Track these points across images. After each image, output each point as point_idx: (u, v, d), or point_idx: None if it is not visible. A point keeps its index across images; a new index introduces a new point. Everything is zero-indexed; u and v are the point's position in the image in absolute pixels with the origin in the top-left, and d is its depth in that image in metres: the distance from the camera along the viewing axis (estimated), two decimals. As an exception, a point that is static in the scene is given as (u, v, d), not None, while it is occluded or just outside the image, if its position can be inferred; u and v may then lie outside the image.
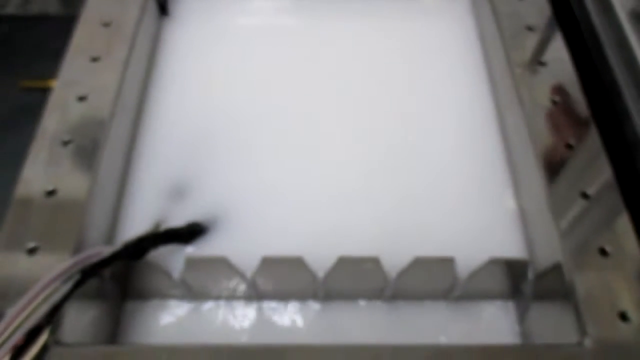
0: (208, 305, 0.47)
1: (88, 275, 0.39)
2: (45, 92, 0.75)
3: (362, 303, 0.47)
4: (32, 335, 0.36)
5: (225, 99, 0.58)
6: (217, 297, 0.47)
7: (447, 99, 0.58)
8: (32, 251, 0.41)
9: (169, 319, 0.46)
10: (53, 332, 0.37)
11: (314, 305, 0.46)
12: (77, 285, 0.38)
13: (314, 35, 0.64)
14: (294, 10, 0.66)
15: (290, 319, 0.46)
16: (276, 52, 0.62)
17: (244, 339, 0.44)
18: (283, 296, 0.47)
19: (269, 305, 0.47)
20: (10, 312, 0.35)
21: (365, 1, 0.67)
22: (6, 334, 0.35)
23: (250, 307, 0.47)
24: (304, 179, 0.52)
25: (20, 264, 0.40)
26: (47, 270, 0.39)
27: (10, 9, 0.88)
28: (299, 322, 0.46)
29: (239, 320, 0.46)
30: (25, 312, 0.35)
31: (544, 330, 0.43)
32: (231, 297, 0.47)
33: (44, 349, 0.36)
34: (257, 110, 0.57)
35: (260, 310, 0.46)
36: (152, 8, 0.61)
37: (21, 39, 0.87)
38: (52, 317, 0.37)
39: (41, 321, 0.36)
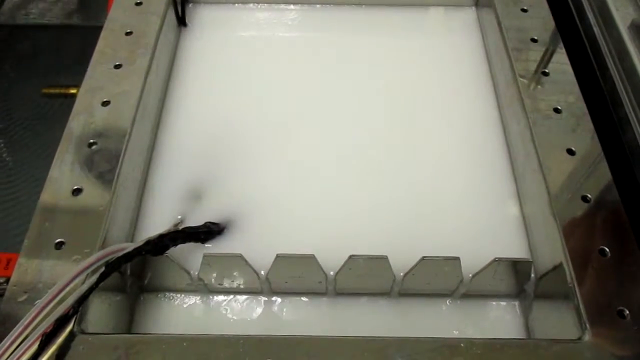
0: (222, 299, 0.49)
1: (112, 268, 0.41)
2: (65, 98, 0.78)
3: (370, 300, 0.49)
4: (60, 324, 0.38)
5: (240, 105, 0.60)
6: (232, 292, 0.49)
7: (454, 107, 0.60)
8: (59, 246, 0.43)
9: (184, 312, 0.48)
10: (79, 322, 0.40)
11: (325, 301, 0.48)
12: (102, 277, 0.40)
13: (322, 46, 0.67)
14: (303, 23, 0.69)
15: (301, 314, 0.48)
16: (288, 62, 0.65)
17: (256, 332, 0.46)
18: (295, 292, 0.48)
19: (281, 301, 0.49)
20: (41, 301, 0.37)
21: (371, 13, 0.70)
22: (36, 321, 0.37)
23: (263, 301, 0.48)
24: (317, 181, 0.54)
25: (48, 258, 0.42)
26: (73, 263, 0.42)
27: (35, 19, 0.91)
28: (310, 317, 0.48)
29: (252, 313, 0.48)
30: (54, 302, 0.38)
31: (546, 327, 0.45)
32: (245, 292, 0.49)
33: (71, 336, 0.39)
34: (271, 116, 0.59)
35: (272, 305, 0.48)
36: (171, 19, 0.64)
37: (45, 47, 0.90)
38: (79, 306, 0.39)
39: (69, 310, 0.38)
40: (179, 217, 0.51)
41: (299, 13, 0.70)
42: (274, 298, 0.49)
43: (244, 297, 0.49)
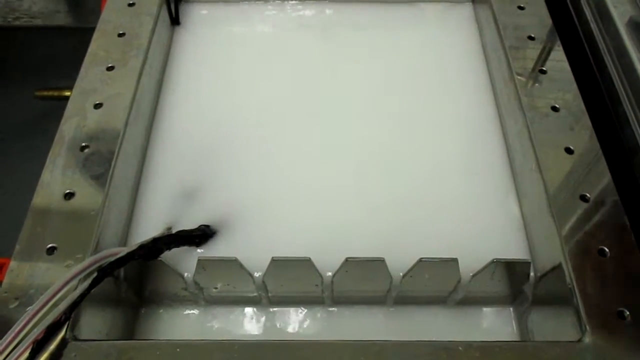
0: (217, 308, 0.48)
1: (105, 273, 0.40)
2: (59, 101, 0.77)
3: (368, 304, 0.48)
4: (51, 330, 0.37)
5: (235, 105, 0.59)
6: (227, 298, 0.48)
7: (451, 106, 0.60)
8: (51, 251, 0.42)
9: (180, 322, 0.48)
10: (71, 328, 0.39)
11: (321, 306, 0.48)
12: (95, 283, 0.40)
13: (317, 44, 0.66)
14: (298, 20, 0.68)
15: (297, 318, 0.47)
16: (283, 59, 0.64)
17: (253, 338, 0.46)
18: (291, 296, 0.48)
19: (277, 306, 0.48)
20: (32, 309, 0.37)
21: (368, 10, 0.69)
22: (27, 329, 0.36)
23: (259, 308, 0.48)
24: (311, 183, 0.53)
25: (40, 263, 0.41)
26: (65, 269, 0.41)
27: (26, 21, 0.90)
28: (307, 321, 0.47)
29: (248, 321, 0.48)
30: (45, 308, 0.37)
31: (546, 329, 0.44)
32: (241, 297, 0.48)
33: (63, 343, 0.38)
34: (265, 116, 0.58)
35: (268, 311, 0.48)
36: (164, 19, 0.63)
37: (37, 49, 0.90)
38: (71, 313, 0.38)
39: (61, 317, 0.38)
40: (172, 220, 0.50)
41: (294, 10, 0.69)
42: (272, 309, 0.48)
43: (240, 304, 0.48)
